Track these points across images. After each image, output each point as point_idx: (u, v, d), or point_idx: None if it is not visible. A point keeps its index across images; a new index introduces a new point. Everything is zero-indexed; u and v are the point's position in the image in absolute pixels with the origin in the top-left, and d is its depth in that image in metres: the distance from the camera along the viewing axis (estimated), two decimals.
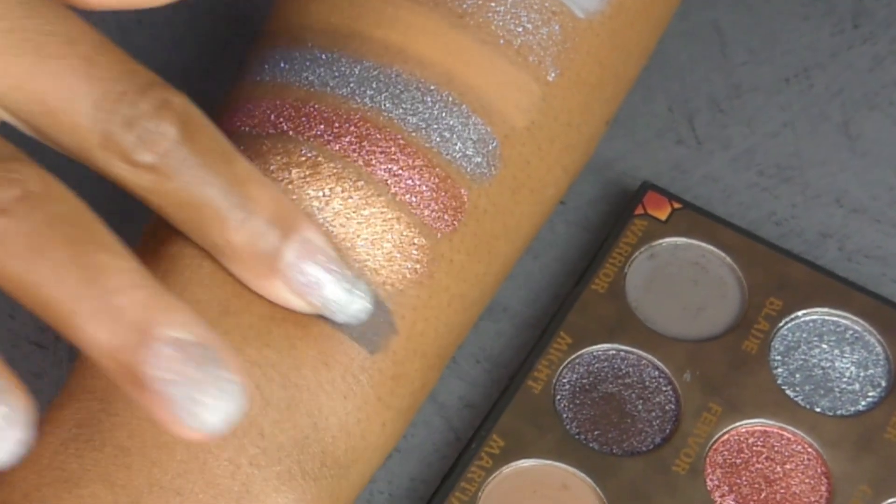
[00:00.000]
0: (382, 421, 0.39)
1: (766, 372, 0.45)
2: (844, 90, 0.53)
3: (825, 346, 0.46)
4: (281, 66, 0.42)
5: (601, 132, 0.45)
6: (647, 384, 0.46)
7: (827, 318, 0.47)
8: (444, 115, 0.41)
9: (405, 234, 0.40)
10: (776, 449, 0.44)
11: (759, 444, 0.44)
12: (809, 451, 0.44)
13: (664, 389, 0.45)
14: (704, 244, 0.48)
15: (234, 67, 0.45)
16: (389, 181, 0.40)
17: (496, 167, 0.41)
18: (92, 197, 0.39)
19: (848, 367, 0.46)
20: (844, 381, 0.46)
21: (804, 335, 0.47)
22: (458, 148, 0.41)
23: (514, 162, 0.42)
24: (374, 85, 0.40)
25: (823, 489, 0.44)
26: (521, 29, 0.42)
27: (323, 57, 0.41)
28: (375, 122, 0.40)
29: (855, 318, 0.47)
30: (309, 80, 0.41)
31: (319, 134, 0.40)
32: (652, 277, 0.48)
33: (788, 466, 0.44)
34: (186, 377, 0.32)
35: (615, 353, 0.46)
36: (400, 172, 0.40)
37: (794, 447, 0.44)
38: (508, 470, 0.44)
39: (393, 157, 0.40)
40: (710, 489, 0.44)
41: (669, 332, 0.46)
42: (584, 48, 0.43)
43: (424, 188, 0.40)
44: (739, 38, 0.54)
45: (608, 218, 0.50)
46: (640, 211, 0.48)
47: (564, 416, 0.45)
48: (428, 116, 0.40)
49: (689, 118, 0.53)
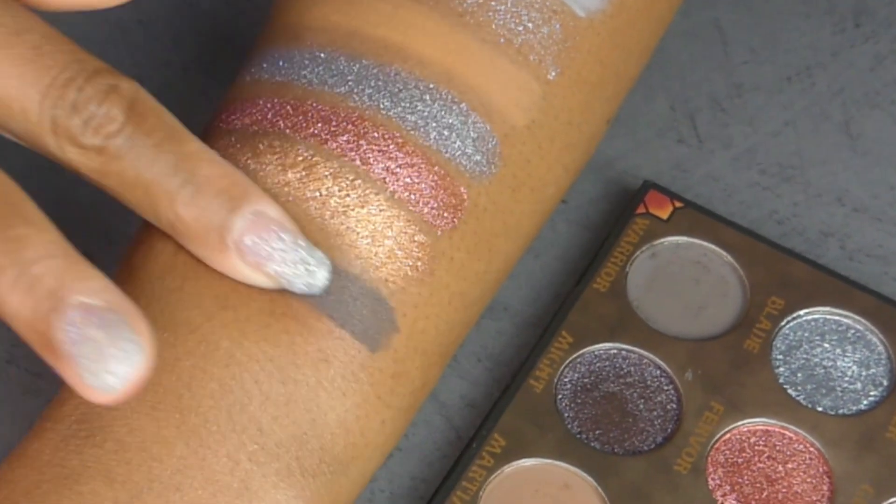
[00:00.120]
0: (382, 419, 0.39)
1: (767, 371, 0.45)
2: (846, 89, 0.53)
3: (827, 345, 0.46)
4: (279, 64, 0.41)
5: (602, 131, 0.45)
6: (648, 383, 0.45)
7: (828, 317, 0.47)
8: (443, 113, 0.41)
9: (405, 231, 0.40)
10: (778, 448, 0.44)
11: (760, 443, 0.44)
12: (811, 450, 0.44)
13: (666, 389, 0.45)
14: (706, 243, 0.48)
15: (233, 66, 0.44)
16: (387, 179, 0.40)
17: (496, 165, 0.41)
18: (93, 197, 0.39)
19: (850, 366, 0.46)
20: (846, 380, 0.46)
21: (806, 334, 0.47)
22: (457, 146, 0.41)
23: (514, 160, 0.42)
24: (372, 83, 0.40)
25: (825, 488, 0.44)
26: (521, 28, 0.42)
27: (322, 55, 0.41)
28: (373, 120, 0.40)
29: (856, 317, 0.47)
30: (307, 78, 0.41)
31: (317, 132, 0.40)
32: (653, 276, 0.48)
33: (790, 466, 0.44)
34: (91, 340, 0.33)
35: (616, 352, 0.46)
36: (398, 170, 0.40)
37: (795, 446, 0.44)
38: (510, 469, 0.44)
39: (391, 154, 0.40)
40: (711, 488, 0.44)
41: (671, 331, 0.46)
42: (584, 47, 0.43)
43: (423, 186, 0.40)
44: (741, 37, 0.54)
45: (609, 217, 0.50)
46: (641, 210, 0.48)
47: (566, 415, 0.45)
48: (427, 115, 0.40)
49: (690, 117, 0.53)
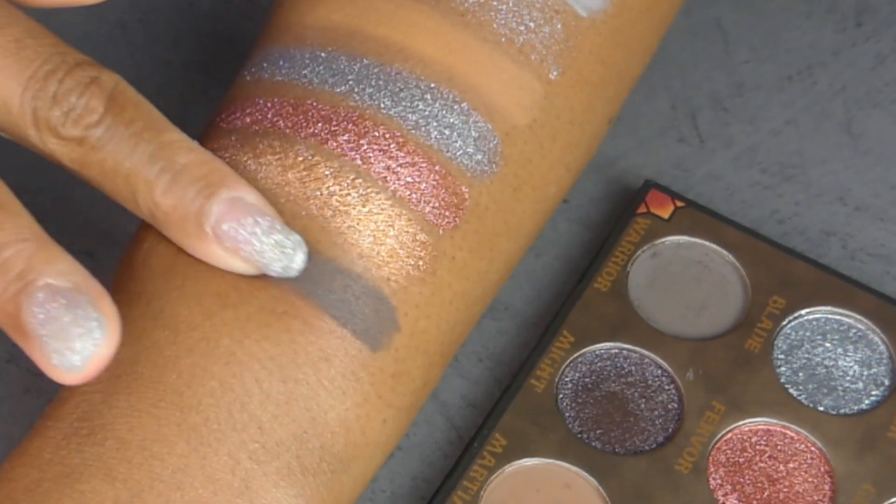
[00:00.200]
0: (383, 418, 0.39)
1: (769, 371, 0.45)
2: (847, 88, 0.53)
3: (828, 344, 0.46)
4: (280, 63, 0.41)
5: (604, 131, 0.45)
6: (649, 383, 0.45)
7: (830, 316, 0.47)
8: (444, 112, 0.40)
9: (407, 230, 0.40)
10: (779, 448, 0.44)
11: (762, 442, 0.44)
12: (812, 449, 0.44)
13: (667, 388, 0.45)
14: (707, 242, 0.48)
15: (234, 65, 0.44)
16: (388, 178, 0.40)
17: (497, 165, 0.41)
18: (93, 195, 0.39)
19: (851, 365, 0.46)
20: (848, 379, 0.46)
21: (807, 334, 0.46)
22: (458, 145, 0.40)
23: (515, 160, 0.42)
24: (373, 82, 0.40)
25: (826, 488, 0.44)
26: (523, 27, 0.42)
27: (322, 55, 0.41)
28: (374, 119, 0.40)
29: (858, 316, 0.47)
30: (308, 77, 0.41)
31: (317, 132, 0.40)
32: (654, 276, 0.48)
33: (791, 465, 0.44)
34: (56, 319, 0.34)
35: (618, 351, 0.46)
36: (399, 169, 0.40)
37: (797, 446, 0.44)
38: (511, 469, 0.44)
39: (391, 154, 0.40)
40: (713, 488, 0.43)
41: (672, 330, 0.46)
42: (586, 47, 0.43)
43: (424, 185, 0.40)
44: (742, 36, 0.54)
45: (610, 216, 0.50)
46: (642, 209, 0.48)
47: (567, 414, 0.45)
48: (428, 114, 0.40)
49: (691, 116, 0.52)
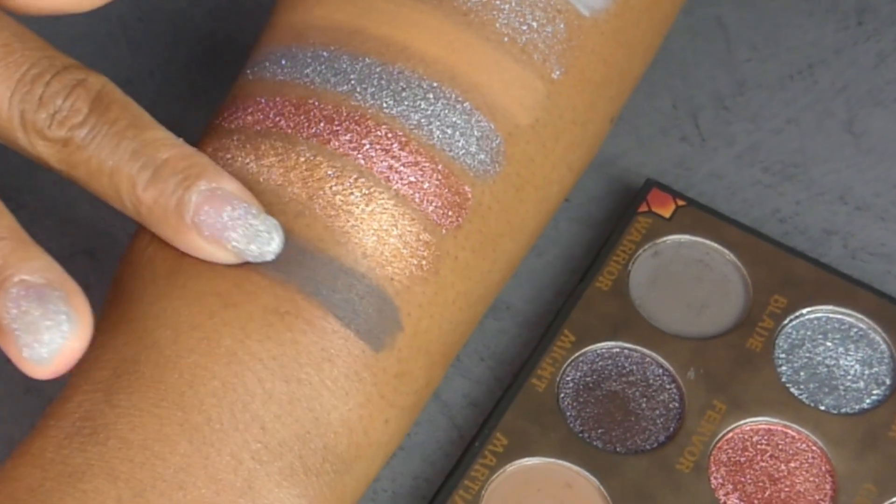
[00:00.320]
0: (385, 418, 0.39)
1: (770, 370, 0.45)
2: (849, 87, 0.53)
3: (830, 343, 0.46)
4: (282, 62, 0.41)
5: (606, 130, 0.45)
6: (650, 382, 0.45)
7: (831, 315, 0.47)
8: (446, 112, 0.40)
9: (410, 229, 0.40)
10: (780, 447, 0.44)
11: (763, 442, 0.44)
12: (814, 449, 0.44)
13: (668, 387, 0.45)
14: (708, 241, 0.48)
15: (234, 64, 0.44)
16: (391, 177, 0.40)
17: (500, 164, 0.41)
18: (94, 195, 0.39)
19: (852, 364, 0.46)
20: (849, 378, 0.46)
21: (808, 333, 0.46)
22: (460, 145, 0.40)
23: (518, 159, 0.42)
24: (375, 82, 0.40)
25: (828, 487, 0.44)
26: (525, 27, 0.42)
27: (324, 54, 0.41)
28: (376, 119, 0.40)
29: (859, 315, 0.47)
30: (309, 76, 0.41)
31: (319, 132, 0.40)
32: (656, 275, 0.47)
33: (793, 464, 0.44)
34: (28, 314, 0.35)
35: (619, 350, 0.46)
36: (401, 169, 0.40)
37: (798, 445, 0.44)
38: (512, 468, 0.44)
39: (394, 153, 0.40)
40: (714, 487, 0.43)
41: (673, 329, 0.46)
42: (588, 46, 0.43)
43: (427, 184, 0.40)
44: (743, 34, 0.54)
45: (612, 215, 0.50)
46: (643, 208, 0.48)
47: (568, 414, 0.45)
48: (430, 113, 0.40)
49: (693, 115, 0.52)
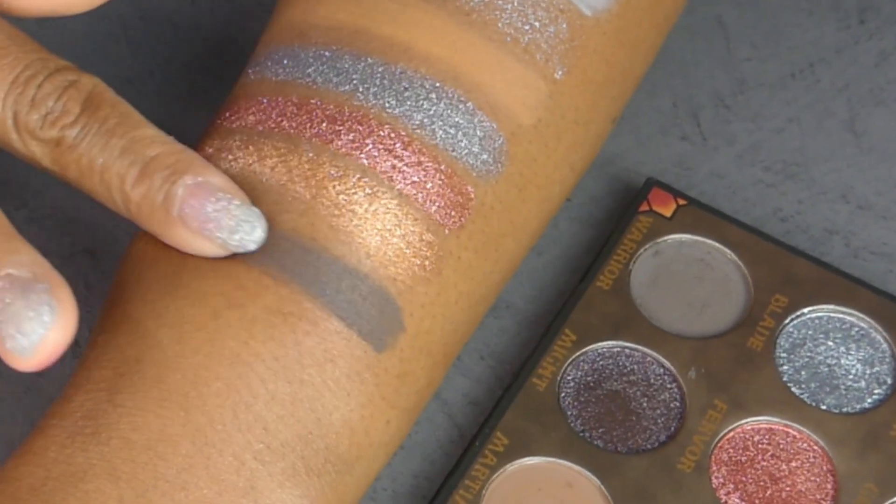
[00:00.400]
0: (387, 419, 0.39)
1: (771, 369, 0.45)
2: (850, 86, 0.53)
3: (831, 343, 0.46)
4: (284, 62, 0.41)
5: (608, 130, 0.45)
6: (651, 381, 0.45)
7: (833, 314, 0.47)
8: (449, 112, 0.40)
9: (413, 229, 0.40)
10: (781, 446, 0.44)
11: (764, 441, 0.44)
12: (815, 448, 0.44)
13: (669, 387, 0.45)
14: (709, 241, 0.48)
15: (235, 63, 0.44)
16: (394, 177, 0.39)
17: (503, 164, 0.41)
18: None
19: (854, 364, 0.46)
20: (850, 378, 0.46)
21: (810, 332, 0.46)
22: (463, 145, 0.40)
23: (520, 159, 0.42)
24: (377, 82, 0.40)
25: (829, 487, 0.44)
26: (528, 27, 0.42)
27: (326, 54, 0.41)
28: (379, 118, 0.40)
29: (861, 314, 0.47)
30: (311, 76, 0.41)
31: (322, 132, 0.40)
32: (657, 274, 0.47)
33: (794, 464, 0.44)
34: (10, 305, 0.35)
35: (620, 350, 0.46)
36: (404, 169, 0.40)
37: (799, 445, 0.44)
38: (513, 468, 0.44)
39: (397, 153, 0.40)
40: (715, 487, 0.43)
41: (674, 329, 0.46)
42: (591, 46, 0.43)
43: (430, 184, 0.40)
44: (744, 33, 0.54)
45: (613, 214, 0.50)
46: (644, 207, 0.48)
47: (569, 413, 0.45)
48: (433, 113, 0.40)
49: (693, 114, 0.52)
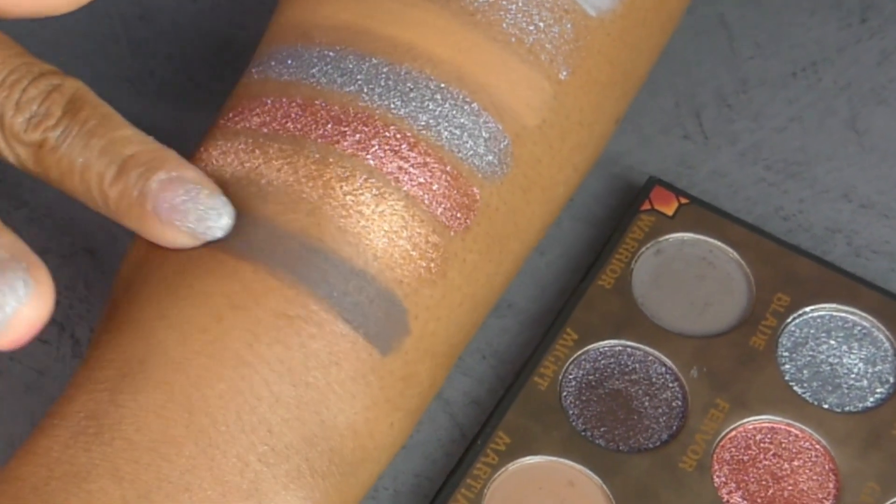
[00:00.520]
0: (391, 421, 0.39)
1: (773, 368, 0.45)
2: (852, 85, 0.53)
3: (833, 342, 0.46)
4: (288, 62, 0.41)
5: (611, 131, 0.45)
6: (653, 380, 0.45)
7: (835, 313, 0.47)
8: (454, 113, 0.40)
9: (420, 231, 0.39)
10: (784, 446, 0.44)
11: (766, 440, 0.44)
12: (817, 447, 0.44)
13: (671, 386, 0.45)
14: (711, 239, 0.48)
15: (236, 63, 0.44)
16: (401, 178, 0.39)
17: (507, 165, 0.41)
18: None
19: (856, 363, 0.46)
20: (852, 377, 0.46)
21: (812, 331, 0.46)
22: (469, 146, 0.40)
23: (525, 160, 0.42)
24: (382, 82, 0.40)
25: (831, 486, 0.44)
26: (532, 27, 0.42)
27: (330, 54, 0.41)
28: (384, 119, 0.40)
29: (863, 313, 0.47)
30: (316, 77, 0.41)
31: (327, 133, 0.40)
32: (658, 273, 0.47)
33: (796, 463, 0.44)
34: None
35: (621, 349, 0.46)
36: (411, 170, 0.40)
37: (801, 444, 0.44)
38: (514, 467, 0.44)
39: (403, 154, 0.40)
40: (717, 486, 0.43)
41: (676, 328, 0.46)
42: (595, 47, 0.43)
43: (436, 186, 0.40)
44: (746, 32, 0.54)
45: (614, 213, 0.50)
46: (646, 206, 0.48)
47: (570, 412, 0.45)
48: (438, 114, 0.40)
49: (695, 113, 0.52)
